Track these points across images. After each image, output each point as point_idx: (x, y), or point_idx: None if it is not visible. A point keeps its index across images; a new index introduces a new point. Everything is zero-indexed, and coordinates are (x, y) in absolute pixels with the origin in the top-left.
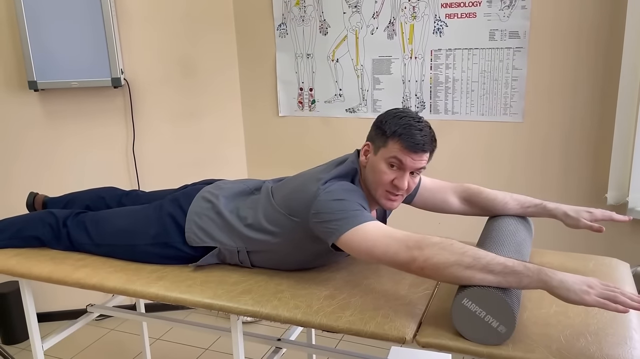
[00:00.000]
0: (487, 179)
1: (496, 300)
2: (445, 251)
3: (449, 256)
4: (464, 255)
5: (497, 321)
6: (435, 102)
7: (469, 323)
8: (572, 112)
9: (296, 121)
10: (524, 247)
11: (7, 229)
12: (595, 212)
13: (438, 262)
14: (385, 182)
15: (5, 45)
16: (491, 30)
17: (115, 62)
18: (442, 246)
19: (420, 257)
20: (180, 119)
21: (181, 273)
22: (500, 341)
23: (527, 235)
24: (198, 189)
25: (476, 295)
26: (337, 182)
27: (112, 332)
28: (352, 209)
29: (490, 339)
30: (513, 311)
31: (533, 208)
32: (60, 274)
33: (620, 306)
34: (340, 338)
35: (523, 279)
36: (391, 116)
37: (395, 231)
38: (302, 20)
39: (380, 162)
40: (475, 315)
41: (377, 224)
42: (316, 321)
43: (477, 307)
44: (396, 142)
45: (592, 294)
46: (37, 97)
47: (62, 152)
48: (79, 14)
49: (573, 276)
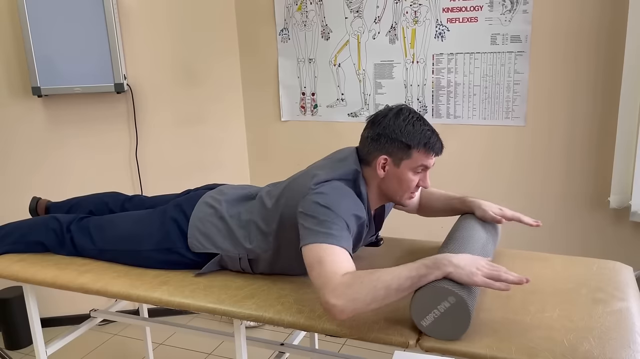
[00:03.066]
0: (489, 183)
1: (431, 295)
2: (361, 288)
3: (367, 292)
4: (376, 289)
5: (449, 304)
6: (437, 106)
7: (444, 327)
8: (574, 116)
9: (298, 126)
10: (486, 245)
11: (10, 234)
12: (505, 210)
13: (356, 309)
14: (413, 188)
15: (9, 51)
16: (493, 34)
17: (118, 68)
18: (354, 289)
19: (345, 302)
20: (182, 124)
21: (184, 277)
22: (466, 316)
23: (487, 232)
24: (200, 194)
25: (418, 307)
26: (333, 183)
27: (116, 337)
28: (334, 223)
29: (463, 321)
30: (446, 288)
31: (456, 201)
32: (64, 280)
33: (502, 284)
34: (343, 343)
35: (429, 277)
36: (402, 126)
37: (340, 270)
38: (304, 25)
39: (405, 172)
40: (439, 318)
41: (342, 254)
42: (319, 326)
43: (432, 313)
44: (421, 152)
45: (479, 275)
46: (41, 103)
47: (65, 158)
48: (82, 20)
49: (464, 259)
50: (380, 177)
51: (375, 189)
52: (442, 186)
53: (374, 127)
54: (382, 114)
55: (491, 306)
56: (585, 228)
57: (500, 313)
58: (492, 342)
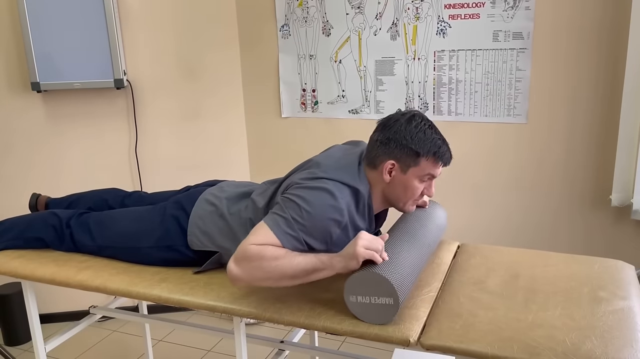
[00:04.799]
0: (490, 181)
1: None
2: (257, 270)
3: (261, 275)
4: (271, 274)
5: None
6: (438, 103)
7: (367, 311)
8: (576, 113)
9: (299, 122)
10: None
11: (9, 230)
12: None
13: (250, 282)
14: (417, 196)
15: (8, 47)
16: (495, 31)
17: (118, 64)
18: (255, 265)
19: (237, 272)
20: (182, 120)
21: (184, 275)
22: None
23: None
24: (201, 191)
25: (356, 284)
26: (326, 182)
27: (115, 333)
28: (297, 226)
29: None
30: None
31: None
32: (64, 276)
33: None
34: (343, 340)
35: (319, 275)
36: (413, 132)
37: (265, 247)
38: (304, 22)
39: (412, 180)
40: (368, 305)
41: (274, 241)
42: (319, 324)
43: (365, 297)
44: (430, 161)
45: (359, 262)
46: (40, 99)
47: (65, 154)
48: (81, 15)
49: (347, 251)
50: (385, 182)
51: (379, 193)
52: (442, 183)
53: (385, 131)
54: (394, 118)
55: (493, 304)
56: (586, 226)
57: (501, 311)
58: (494, 340)
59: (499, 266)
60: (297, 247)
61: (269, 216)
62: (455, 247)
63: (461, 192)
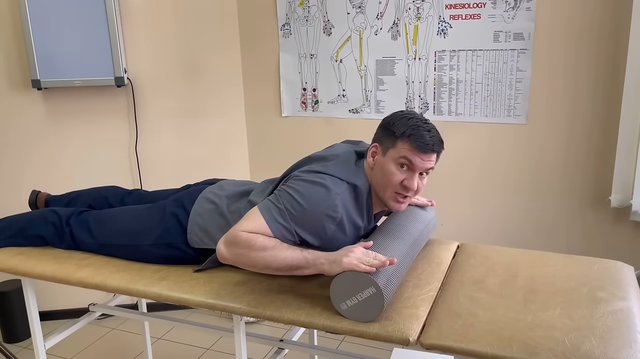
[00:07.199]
0: (490, 181)
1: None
2: (244, 257)
3: (247, 262)
4: (256, 263)
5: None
6: (439, 103)
7: (361, 311)
8: (575, 114)
9: (299, 121)
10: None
11: (9, 227)
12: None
13: (236, 264)
14: (395, 184)
15: (9, 44)
16: (495, 31)
17: (118, 62)
18: (242, 252)
19: (225, 253)
20: (183, 118)
21: (184, 273)
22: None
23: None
24: (200, 189)
25: (339, 292)
26: (324, 177)
27: (114, 331)
28: (290, 216)
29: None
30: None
31: None
32: (63, 274)
33: (367, 267)
34: (342, 339)
35: (308, 271)
36: (398, 117)
37: (255, 236)
38: (305, 21)
39: (389, 163)
40: (357, 304)
41: (264, 231)
42: (319, 323)
43: (351, 298)
44: (406, 142)
45: (349, 262)
46: (40, 96)
47: (65, 151)
48: (82, 13)
49: (336, 256)
50: (371, 170)
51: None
52: (442, 183)
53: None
54: (393, 114)
55: (492, 304)
56: (586, 227)
57: (501, 311)
58: (493, 340)
59: (499, 266)
60: (287, 238)
61: (263, 203)
62: (455, 247)
63: (461, 192)
